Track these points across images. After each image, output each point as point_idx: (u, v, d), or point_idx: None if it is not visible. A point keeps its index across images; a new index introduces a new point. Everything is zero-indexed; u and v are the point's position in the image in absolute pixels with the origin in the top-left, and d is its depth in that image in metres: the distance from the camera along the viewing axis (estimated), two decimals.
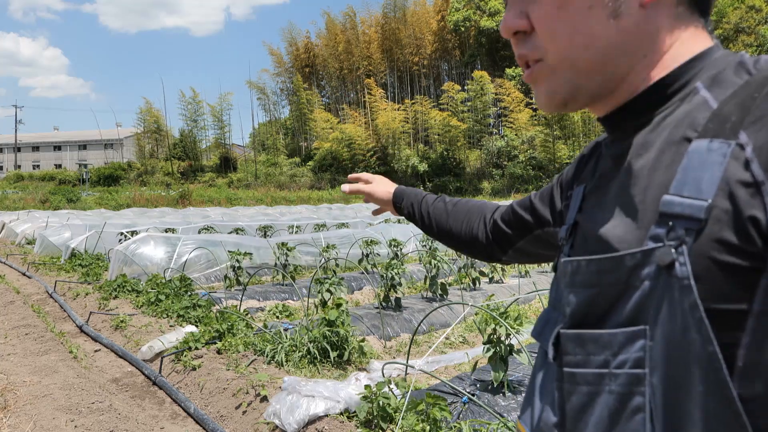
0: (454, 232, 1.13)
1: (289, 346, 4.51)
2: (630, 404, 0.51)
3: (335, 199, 39.23)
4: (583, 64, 0.61)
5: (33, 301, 7.72)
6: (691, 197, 0.49)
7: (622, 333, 0.52)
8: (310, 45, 62.54)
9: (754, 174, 0.46)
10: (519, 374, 3.94)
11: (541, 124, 45.17)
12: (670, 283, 0.49)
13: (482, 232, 1.07)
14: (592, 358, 0.55)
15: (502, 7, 49.84)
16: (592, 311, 0.56)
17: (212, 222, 14.50)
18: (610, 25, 0.59)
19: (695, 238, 0.48)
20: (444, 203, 1.18)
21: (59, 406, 3.74)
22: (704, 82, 0.57)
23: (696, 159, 0.50)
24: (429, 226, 1.19)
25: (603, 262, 0.55)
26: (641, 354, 0.50)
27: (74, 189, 38.73)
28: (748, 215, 0.46)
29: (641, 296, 0.51)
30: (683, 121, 0.55)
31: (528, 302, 7.47)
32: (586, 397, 0.55)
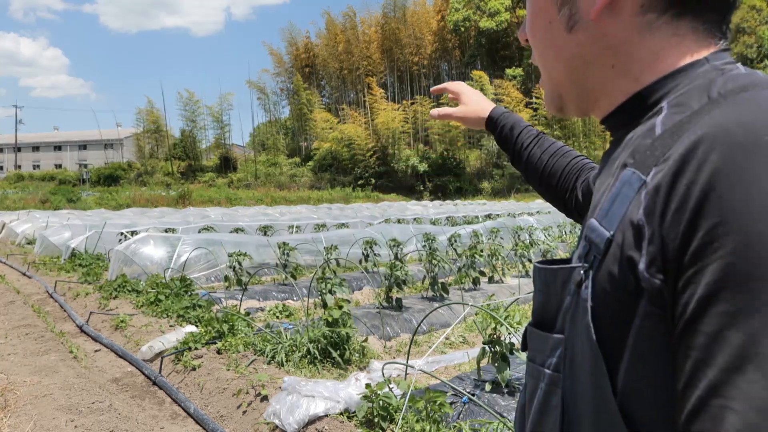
0: (548, 186, 1.13)
1: (289, 346, 4.51)
2: (551, 401, 0.57)
3: (335, 199, 39.22)
4: (557, 75, 0.66)
5: (33, 301, 7.72)
6: (604, 227, 0.51)
7: (552, 338, 0.57)
8: (310, 45, 62.55)
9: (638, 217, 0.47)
10: (519, 374, 3.94)
11: (541, 124, 45.16)
12: (578, 302, 0.53)
13: (570, 199, 1.09)
14: (537, 356, 0.60)
15: (502, 7, 49.90)
16: (544, 314, 0.61)
17: (212, 222, 14.50)
18: (569, 38, 0.61)
19: (598, 267, 0.51)
20: (541, 151, 1.14)
21: (59, 406, 3.75)
22: (670, 102, 0.54)
23: (618, 189, 0.52)
24: (520, 165, 1.19)
25: (547, 272, 0.60)
26: (559, 360, 0.56)
27: (74, 189, 38.72)
28: (627, 255, 0.48)
29: (564, 308, 0.56)
30: (630, 145, 0.55)
31: (528, 302, 7.47)
32: (532, 388, 0.61)
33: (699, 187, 0.43)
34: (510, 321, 3.59)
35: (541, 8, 0.64)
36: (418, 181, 47.35)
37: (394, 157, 48.75)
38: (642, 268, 0.46)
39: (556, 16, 0.62)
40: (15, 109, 66.37)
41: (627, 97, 0.59)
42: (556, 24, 0.62)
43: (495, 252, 8.74)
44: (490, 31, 50.36)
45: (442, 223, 17.49)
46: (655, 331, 0.46)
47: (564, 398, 0.55)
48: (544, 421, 0.58)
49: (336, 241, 10.50)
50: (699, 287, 0.42)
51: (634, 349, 0.48)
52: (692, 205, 0.43)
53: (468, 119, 1.25)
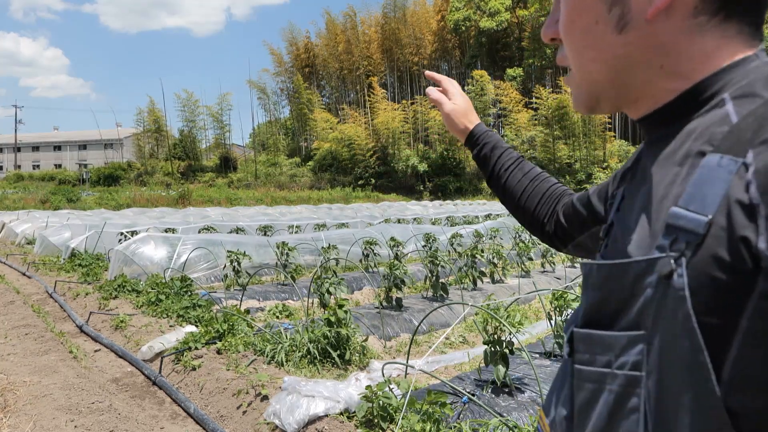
0: (525, 211, 1.13)
1: (289, 346, 4.50)
2: (627, 404, 0.54)
3: (335, 199, 39.22)
4: (597, 76, 0.65)
5: (33, 301, 7.72)
6: (695, 212, 0.50)
7: (624, 336, 0.54)
8: (310, 45, 62.56)
9: (751, 196, 0.47)
10: (519, 374, 3.93)
11: (541, 124, 45.18)
12: (667, 293, 0.51)
13: (549, 223, 1.08)
14: (598, 358, 0.57)
15: (502, 7, 49.91)
16: (602, 313, 0.58)
17: (212, 222, 14.50)
18: (617, 39, 0.61)
19: (694, 252, 0.50)
20: (522, 174, 1.15)
21: (59, 406, 3.74)
22: (732, 94, 0.56)
23: (706, 174, 0.51)
24: (498, 187, 1.18)
25: (612, 267, 0.57)
26: (639, 357, 0.53)
27: (74, 189, 38.70)
28: (740, 235, 0.47)
29: (644, 302, 0.53)
30: (702, 135, 0.56)
31: (528, 302, 7.47)
32: (591, 394, 0.58)
33: None
34: (510, 321, 3.59)
35: (586, 7, 0.64)
36: (418, 181, 47.35)
37: (394, 157, 48.76)
38: (763, 246, 0.45)
39: (604, 16, 0.62)
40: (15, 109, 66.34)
41: (675, 95, 0.60)
42: (603, 24, 0.62)
43: (495, 252, 8.74)
44: (490, 30, 50.37)
45: (442, 223, 17.49)
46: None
47: (649, 399, 0.52)
48: (615, 427, 0.55)
49: (336, 241, 10.50)
50: None
51: (747, 333, 0.46)
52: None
53: (453, 120, 1.24)
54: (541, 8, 47.48)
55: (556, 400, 0.66)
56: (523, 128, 46.18)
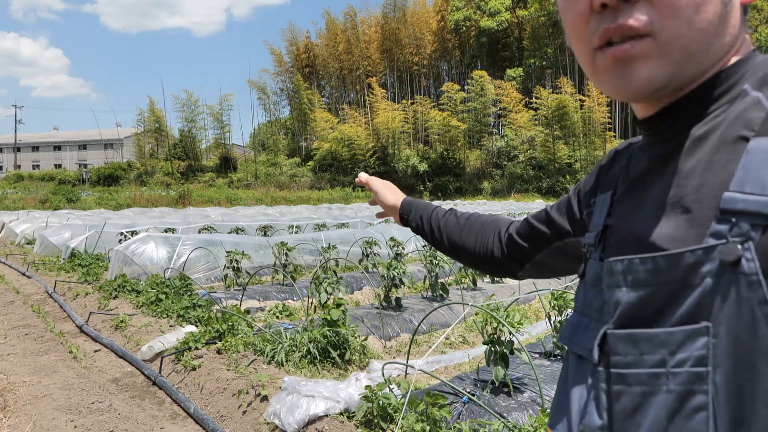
0: (468, 247, 1.10)
1: (289, 346, 4.50)
2: (690, 403, 0.51)
3: (335, 199, 39.22)
4: (695, 47, 0.57)
5: (33, 301, 7.72)
6: (755, 193, 0.49)
7: (681, 331, 0.52)
8: (310, 45, 62.55)
9: None
10: (519, 374, 3.93)
11: (541, 124, 45.18)
12: (735, 280, 0.49)
13: (497, 248, 1.05)
14: (646, 358, 0.54)
15: (502, 7, 49.91)
16: (644, 310, 0.56)
17: (212, 222, 14.50)
18: (721, 11, 0.58)
19: (762, 234, 0.48)
20: (456, 217, 1.15)
21: (59, 406, 3.74)
22: (752, 84, 0.57)
23: (757, 157, 0.51)
24: (439, 241, 1.16)
25: (659, 260, 0.54)
26: (704, 351, 0.50)
27: (74, 189, 38.68)
28: None
29: (701, 294, 0.51)
30: (737, 121, 0.55)
31: (528, 302, 7.47)
32: (640, 398, 0.54)
33: None
34: (510, 321, 3.59)
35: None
36: (418, 181, 47.34)
37: (394, 157, 48.76)
38: None
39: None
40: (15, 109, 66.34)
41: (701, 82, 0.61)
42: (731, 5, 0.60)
43: None
44: (490, 30, 50.38)
45: None
46: None
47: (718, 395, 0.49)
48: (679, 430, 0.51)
49: (336, 241, 10.50)
50: None
51: None
52: None
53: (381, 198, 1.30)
54: (541, 8, 47.48)
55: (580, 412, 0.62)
56: (523, 128, 46.17)
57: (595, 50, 0.61)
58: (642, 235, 0.59)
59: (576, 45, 0.65)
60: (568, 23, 0.65)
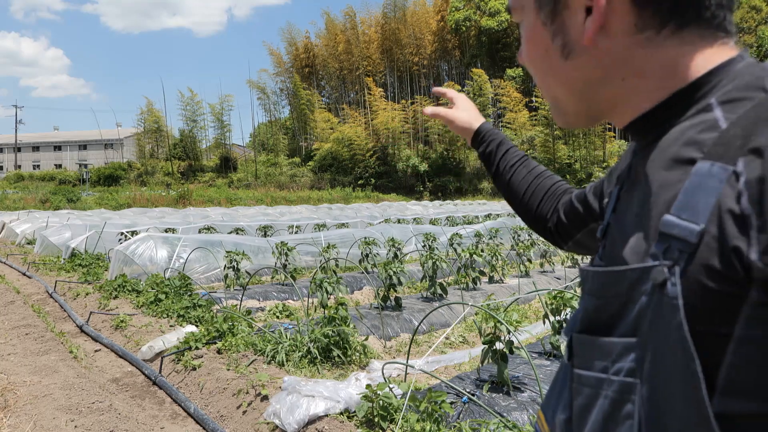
0: (527, 207, 1.12)
1: (289, 346, 4.51)
2: (622, 410, 0.54)
3: (335, 199, 39.22)
4: (562, 97, 0.67)
5: (33, 301, 7.72)
6: (688, 220, 0.50)
7: (620, 343, 0.54)
8: (309, 45, 62.53)
9: (742, 207, 0.47)
10: (519, 373, 3.94)
11: (541, 124, 45.18)
12: (661, 301, 0.51)
13: (551, 220, 1.07)
14: (596, 363, 0.57)
15: (502, 7, 49.87)
16: (600, 319, 0.58)
17: (212, 222, 14.50)
18: (566, 64, 0.63)
19: (687, 261, 0.50)
20: (527, 172, 1.14)
21: (59, 406, 3.75)
22: (719, 98, 0.55)
23: (697, 181, 0.51)
24: (502, 185, 1.17)
25: (608, 275, 0.57)
26: (634, 365, 0.53)
27: (74, 189, 38.69)
28: (732, 245, 0.47)
29: (639, 310, 0.53)
30: (692, 141, 0.55)
31: (528, 302, 7.47)
32: (588, 399, 0.58)
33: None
34: (508, 320, 3.59)
35: (535, 38, 0.66)
36: (418, 181, 47.34)
37: (394, 157, 48.75)
38: (755, 257, 0.45)
39: (551, 45, 0.64)
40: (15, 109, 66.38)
41: (658, 101, 0.60)
42: (552, 52, 0.64)
43: (494, 252, 8.74)
44: (491, 30, 50.37)
45: (441, 223, 17.49)
46: (764, 323, 0.46)
47: (642, 406, 0.52)
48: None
49: (336, 241, 10.50)
50: None
51: (741, 340, 0.47)
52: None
53: (457, 124, 1.26)
54: None
55: (556, 403, 0.66)
56: (523, 128, 46.18)
57: None
58: (620, 241, 0.62)
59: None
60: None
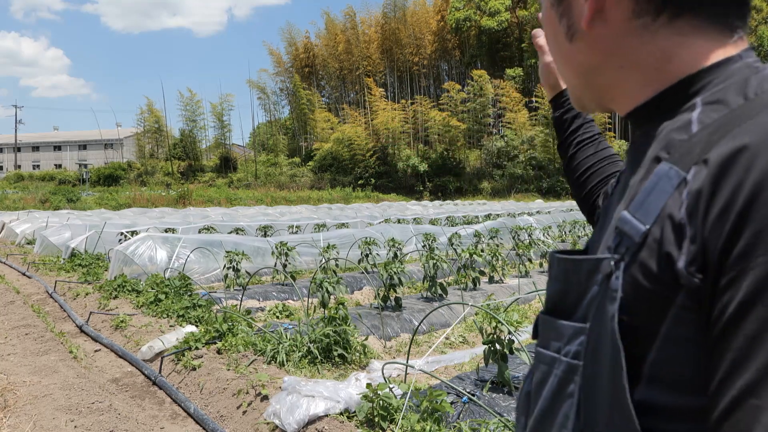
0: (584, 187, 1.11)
1: (289, 346, 4.51)
2: (566, 389, 0.57)
3: (335, 199, 39.21)
4: (570, 80, 0.70)
5: (33, 301, 7.72)
6: (638, 219, 0.52)
7: (572, 326, 0.58)
8: (309, 45, 62.53)
9: (680, 215, 0.48)
10: (519, 374, 3.94)
11: (541, 124, 45.18)
12: (606, 292, 0.53)
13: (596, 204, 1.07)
14: (552, 343, 0.61)
15: (502, 7, 49.90)
16: (561, 303, 0.61)
17: (212, 222, 14.50)
18: (571, 47, 0.65)
19: (631, 258, 0.52)
20: (595, 151, 1.12)
21: (59, 406, 3.75)
22: (704, 99, 0.55)
23: (655, 182, 0.52)
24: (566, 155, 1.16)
25: (568, 262, 0.61)
26: (580, 348, 0.56)
27: (74, 189, 38.69)
28: (666, 251, 0.49)
29: (590, 297, 0.56)
30: (664, 139, 0.56)
31: (528, 302, 7.47)
32: (543, 375, 0.62)
33: (744, 193, 0.44)
34: (508, 320, 3.59)
35: (549, 21, 0.69)
36: (418, 181, 47.34)
37: (394, 157, 48.75)
38: (681, 266, 0.47)
39: (559, 27, 0.66)
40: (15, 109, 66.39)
41: (653, 93, 0.60)
42: (560, 35, 0.66)
43: (494, 252, 8.74)
44: (491, 30, 50.37)
45: (441, 223, 17.49)
46: (689, 324, 0.48)
47: (582, 387, 0.55)
48: (556, 408, 0.59)
49: (336, 241, 10.50)
50: (740, 290, 0.43)
51: (666, 339, 0.49)
52: (737, 210, 0.44)
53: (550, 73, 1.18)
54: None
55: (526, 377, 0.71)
56: (523, 128, 46.18)
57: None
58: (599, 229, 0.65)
59: None
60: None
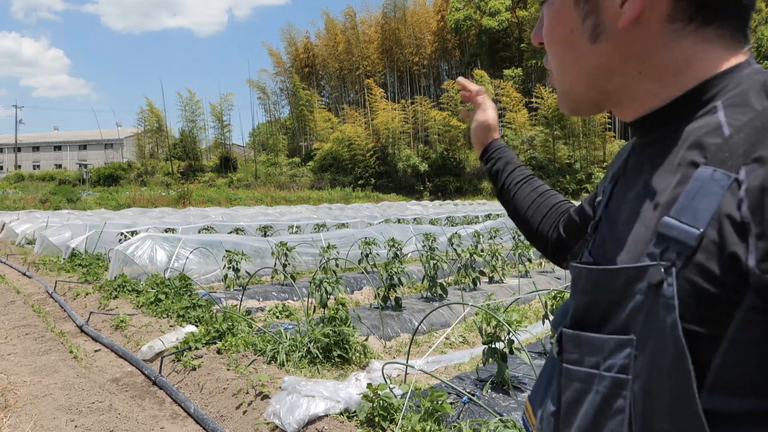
0: (530, 225, 1.12)
1: (289, 346, 4.51)
2: (613, 405, 0.55)
3: (335, 199, 39.21)
4: (576, 82, 0.66)
5: (33, 301, 7.72)
6: (687, 224, 0.51)
7: (613, 339, 0.56)
8: (309, 45, 62.52)
9: (742, 214, 0.48)
10: (519, 374, 3.94)
11: (540, 124, 45.19)
12: (657, 301, 0.52)
13: (551, 237, 1.07)
14: (586, 359, 0.59)
15: (502, 7, 49.90)
16: (590, 316, 0.60)
17: (212, 222, 14.50)
18: (591, 48, 0.62)
19: (684, 263, 0.51)
20: (531, 190, 1.15)
21: (59, 405, 3.75)
22: (724, 102, 0.56)
23: (698, 186, 0.52)
24: (507, 201, 1.18)
25: (602, 273, 0.59)
26: (627, 361, 0.54)
27: (74, 189, 38.70)
28: (730, 251, 0.48)
29: (633, 308, 0.54)
30: (695, 144, 0.56)
31: (528, 302, 7.47)
32: (578, 393, 0.59)
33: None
34: (509, 320, 3.59)
35: (562, 16, 0.65)
36: (418, 181, 47.33)
37: (394, 157, 48.73)
38: (752, 264, 0.47)
39: (578, 26, 0.63)
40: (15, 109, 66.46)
41: (666, 99, 0.60)
42: (578, 33, 0.63)
43: (495, 252, 8.74)
44: (491, 29, 50.37)
45: (441, 223, 17.49)
46: (758, 324, 0.47)
47: (634, 401, 0.53)
48: (600, 427, 0.56)
49: (336, 241, 10.49)
50: None
51: (732, 342, 0.48)
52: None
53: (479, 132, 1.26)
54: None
55: (544, 395, 0.68)
56: (523, 128, 46.19)
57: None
58: (611, 238, 0.63)
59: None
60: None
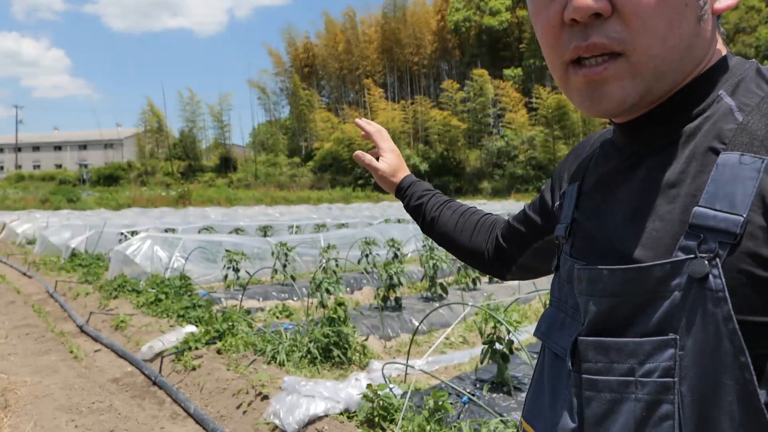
0: (461, 245, 1.08)
1: (289, 346, 4.51)
2: (657, 412, 0.51)
3: (335, 199, 39.21)
4: (668, 66, 0.56)
5: (33, 301, 7.72)
6: (724, 211, 0.49)
7: (649, 342, 0.52)
8: (309, 45, 62.55)
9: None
10: (519, 374, 3.94)
11: (540, 124, 45.22)
12: (702, 295, 0.49)
13: (488, 251, 1.03)
14: (616, 366, 0.54)
15: (503, 7, 49.93)
16: (613, 319, 0.56)
17: (212, 222, 14.50)
18: (695, 28, 0.56)
19: (729, 252, 0.48)
20: (451, 213, 1.11)
21: (60, 405, 3.75)
22: (726, 89, 0.56)
23: (727, 173, 0.50)
24: (433, 231, 1.13)
25: (628, 272, 0.54)
26: (671, 363, 0.50)
27: (74, 189, 38.73)
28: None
29: (670, 306, 0.51)
30: (710, 131, 0.55)
31: (528, 302, 7.47)
32: (609, 405, 0.54)
33: None
34: (509, 320, 3.59)
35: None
36: None
37: None
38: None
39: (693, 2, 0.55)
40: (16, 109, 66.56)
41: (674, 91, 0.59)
42: (691, 9, 0.55)
43: None
44: (492, 29, 50.41)
45: None
46: None
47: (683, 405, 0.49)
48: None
49: (336, 241, 10.49)
50: None
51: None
52: None
53: (385, 180, 1.20)
54: None
55: (551, 413, 0.63)
56: (523, 128, 46.22)
57: (567, 64, 0.59)
58: (612, 240, 0.59)
59: (547, 54, 0.62)
60: (539, 32, 0.62)
